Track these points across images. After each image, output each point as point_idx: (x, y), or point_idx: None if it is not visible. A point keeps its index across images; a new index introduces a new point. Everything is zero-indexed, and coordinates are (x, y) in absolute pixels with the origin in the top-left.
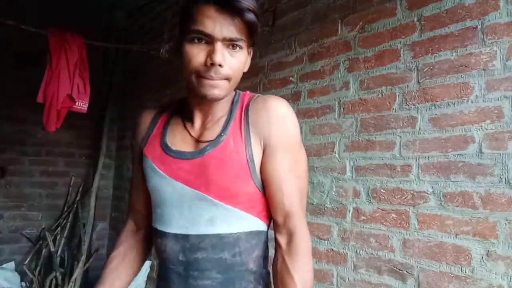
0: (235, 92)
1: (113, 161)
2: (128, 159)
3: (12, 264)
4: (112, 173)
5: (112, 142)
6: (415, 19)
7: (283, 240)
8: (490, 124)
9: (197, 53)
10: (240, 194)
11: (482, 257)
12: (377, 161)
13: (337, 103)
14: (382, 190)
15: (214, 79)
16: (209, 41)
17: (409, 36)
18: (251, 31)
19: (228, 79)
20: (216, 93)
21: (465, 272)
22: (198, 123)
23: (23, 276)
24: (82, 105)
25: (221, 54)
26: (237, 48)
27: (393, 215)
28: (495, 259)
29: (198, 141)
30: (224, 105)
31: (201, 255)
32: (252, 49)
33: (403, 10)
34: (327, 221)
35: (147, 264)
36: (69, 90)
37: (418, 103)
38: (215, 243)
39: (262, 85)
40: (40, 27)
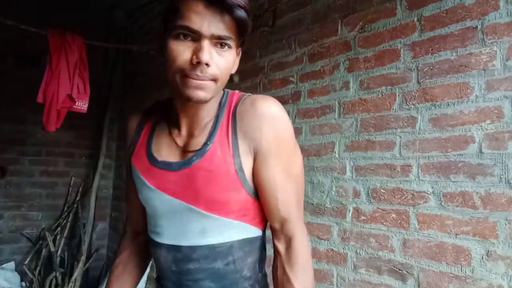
0: (223, 92)
1: (113, 161)
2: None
3: (12, 264)
4: (112, 173)
5: (112, 142)
6: (415, 19)
7: (281, 246)
8: (490, 124)
9: (182, 50)
10: (231, 204)
11: (482, 257)
12: (377, 161)
13: (337, 103)
14: (382, 190)
15: (200, 79)
16: (196, 38)
17: (409, 36)
18: (241, 30)
19: (215, 79)
20: (202, 95)
21: (465, 272)
22: (184, 129)
23: (23, 276)
24: (82, 105)
25: (208, 52)
26: (226, 47)
27: (393, 215)
28: (495, 259)
29: (185, 150)
30: (210, 108)
31: (193, 265)
32: (241, 49)
33: (403, 10)
34: (327, 221)
35: None
36: (69, 90)
37: (418, 103)
38: (207, 254)
39: (262, 85)
40: (40, 27)
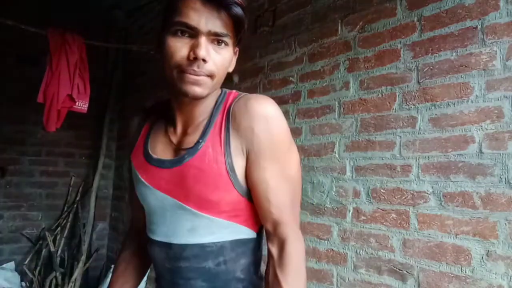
0: (221, 91)
1: (113, 161)
2: (128, 159)
3: (12, 264)
4: (112, 173)
5: (112, 142)
6: (415, 19)
7: (274, 249)
8: (490, 124)
9: (180, 46)
10: (222, 204)
11: (482, 257)
12: (377, 161)
13: (337, 103)
14: (382, 190)
15: (197, 74)
16: (193, 34)
17: (409, 36)
18: (237, 27)
19: (211, 75)
20: (198, 90)
21: (465, 272)
22: (179, 127)
23: (23, 276)
24: (82, 105)
25: (205, 48)
26: (222, 44)
27: (393, 215)
28: (495, 259)
29: (178, 148)
30: (206, 107)
31: (184, 264)
32: (238, 49)
33: (403, 10)
34: (327, 221)
35: None
36: (69, 90)
37: (418, 103)
38: (197, 253)
39: (262, 85)
40: (40, 27)
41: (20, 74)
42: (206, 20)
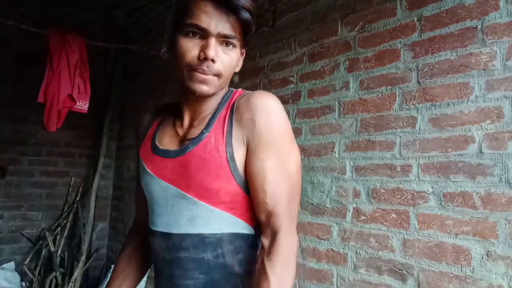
0: (228, 89)
1: (113, 161)
2: (128, 159)
3: (12, 264)
4: (112, 173)
5: (112, 142)
6: (415, 19)
7: (266, 241)
8: (490, 124)
9: (191, 47)
10: (221, 193)
11: (482, 257)
12: (377, 161)
13: (337, 103)
14: (382, 190)
15: (205, 73)
16: (204, 35)
17: (409, 36)
18: (245, 30)
19: (218, 75)
20: (205, 89)
21: (465, 272)
22: (186, 121)
23: (23, 276)
24: (82, 105)
25: (215, 49)
26: (231, 46)
27: (393, 215)
28: (495, 259)
29: (183, 139)
30: (212, 103)
31: (183, 254)
32: (245, 50)
33: (403, 10)
34: (327, 221)
35: None
36: (69, 90)
37: (418, 103)
38: (196, 243)
39: (262, 85)
40: (40, 27)
41: (20, 74)
42: (216, 23)
